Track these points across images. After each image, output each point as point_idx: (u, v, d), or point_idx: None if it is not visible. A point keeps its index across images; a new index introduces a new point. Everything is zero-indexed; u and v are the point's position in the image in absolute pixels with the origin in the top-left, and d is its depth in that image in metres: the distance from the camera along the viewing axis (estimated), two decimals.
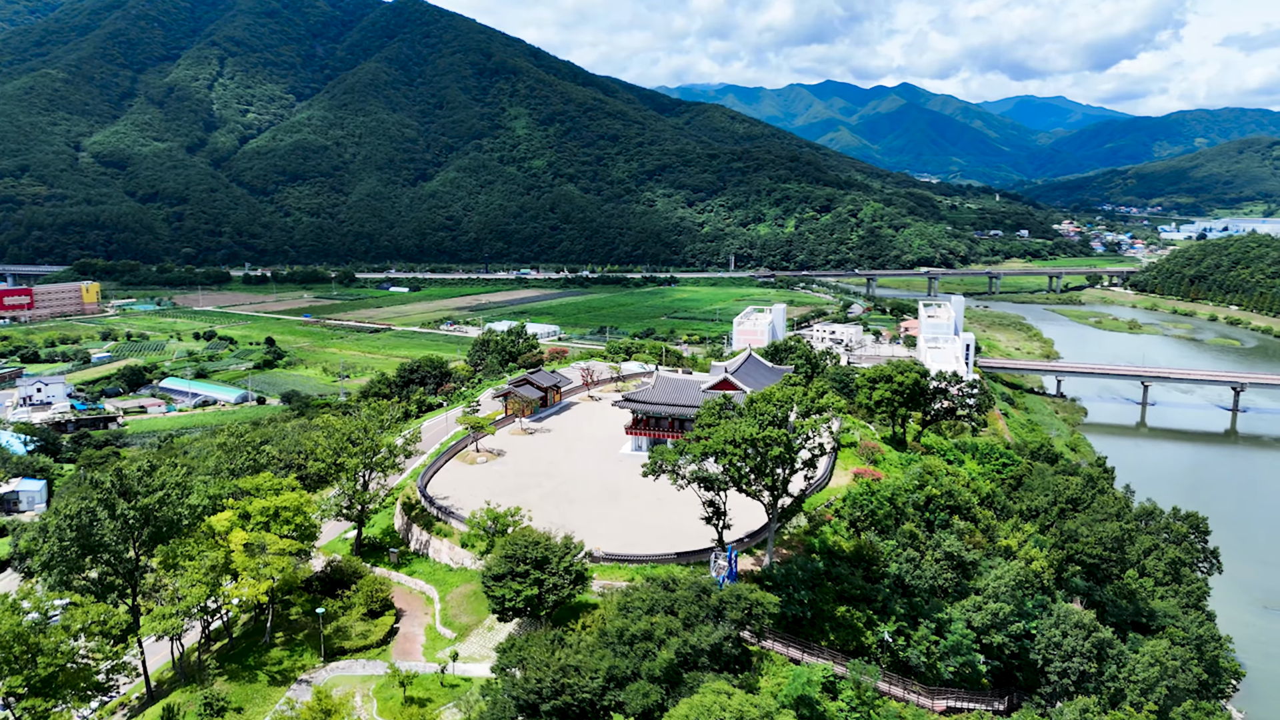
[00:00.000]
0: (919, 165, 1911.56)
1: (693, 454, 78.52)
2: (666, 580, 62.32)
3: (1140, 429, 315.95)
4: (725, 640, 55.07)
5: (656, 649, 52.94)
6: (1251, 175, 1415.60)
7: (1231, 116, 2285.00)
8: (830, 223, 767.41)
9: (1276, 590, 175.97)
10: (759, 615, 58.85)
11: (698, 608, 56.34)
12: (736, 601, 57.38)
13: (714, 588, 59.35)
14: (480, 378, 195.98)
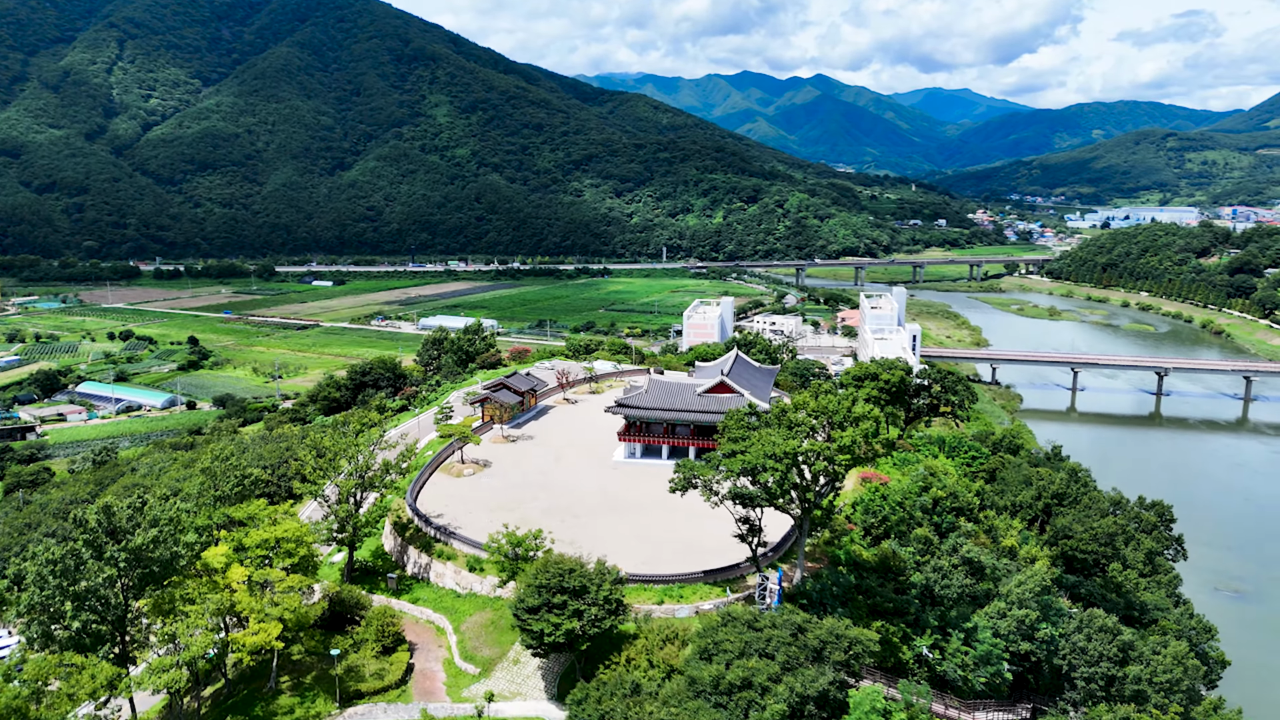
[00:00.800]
0: (834, 156, 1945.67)
1: (730, 469, 74.51)
2: (751, 618, 58.09)
3: (1071, 414, 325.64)
4: (831, 685, 51.29)
5: (760, 698, 48.81)
6: (1147, 166, 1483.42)
7: (1126, 109, 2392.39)
8: (757, 213, 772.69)
9: (1222, 571, 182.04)
10: (859, 655, 55.13)
11: (795, 649, 52.40)
12: (836, 641, 53.59)
13: (810, 625, 55.49)
14: (438, 379, 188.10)
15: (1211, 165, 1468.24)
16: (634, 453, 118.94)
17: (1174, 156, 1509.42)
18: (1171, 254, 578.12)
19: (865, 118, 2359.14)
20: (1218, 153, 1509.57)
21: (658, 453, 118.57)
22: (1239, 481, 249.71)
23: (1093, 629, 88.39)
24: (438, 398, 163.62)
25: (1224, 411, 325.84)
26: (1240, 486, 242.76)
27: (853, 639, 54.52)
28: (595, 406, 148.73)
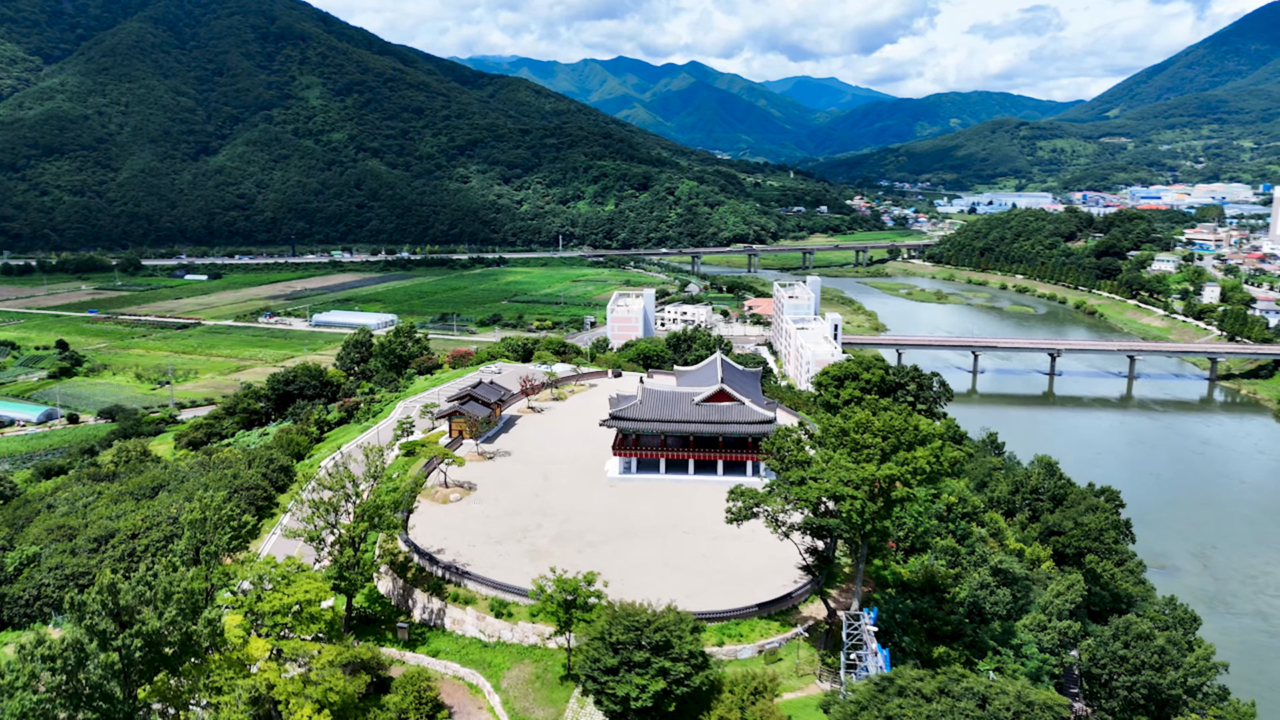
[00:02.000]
0: (711, 143, 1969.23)
1: (805, 498, 68.82)
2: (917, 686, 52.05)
3: (973, 396, 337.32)
4: None
5: None
6: (1004, 154, 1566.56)
7: (980, 99, 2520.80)
8: (649, 201, 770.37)
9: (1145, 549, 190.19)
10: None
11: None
12: (1028, 711, 48.11)
13: (994, 694, 49.87)
14: (371, 387, 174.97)
15: (1061, 153, 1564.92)
16: (629, 467, 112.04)
17: (1027, 145, 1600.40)
18: (1042, 238, 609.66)
19: (739, 105, 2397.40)
20: (1065, 141, 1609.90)
21: (654, 466, 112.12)
22: (1141, 458, 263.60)
23: (1129, 636, 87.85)
24: (383, 409, 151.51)
25: (1111, 389, 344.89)
26: (1142, 463, 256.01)
27: (1041, 703, 49.78)
28: (563, 414, 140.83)
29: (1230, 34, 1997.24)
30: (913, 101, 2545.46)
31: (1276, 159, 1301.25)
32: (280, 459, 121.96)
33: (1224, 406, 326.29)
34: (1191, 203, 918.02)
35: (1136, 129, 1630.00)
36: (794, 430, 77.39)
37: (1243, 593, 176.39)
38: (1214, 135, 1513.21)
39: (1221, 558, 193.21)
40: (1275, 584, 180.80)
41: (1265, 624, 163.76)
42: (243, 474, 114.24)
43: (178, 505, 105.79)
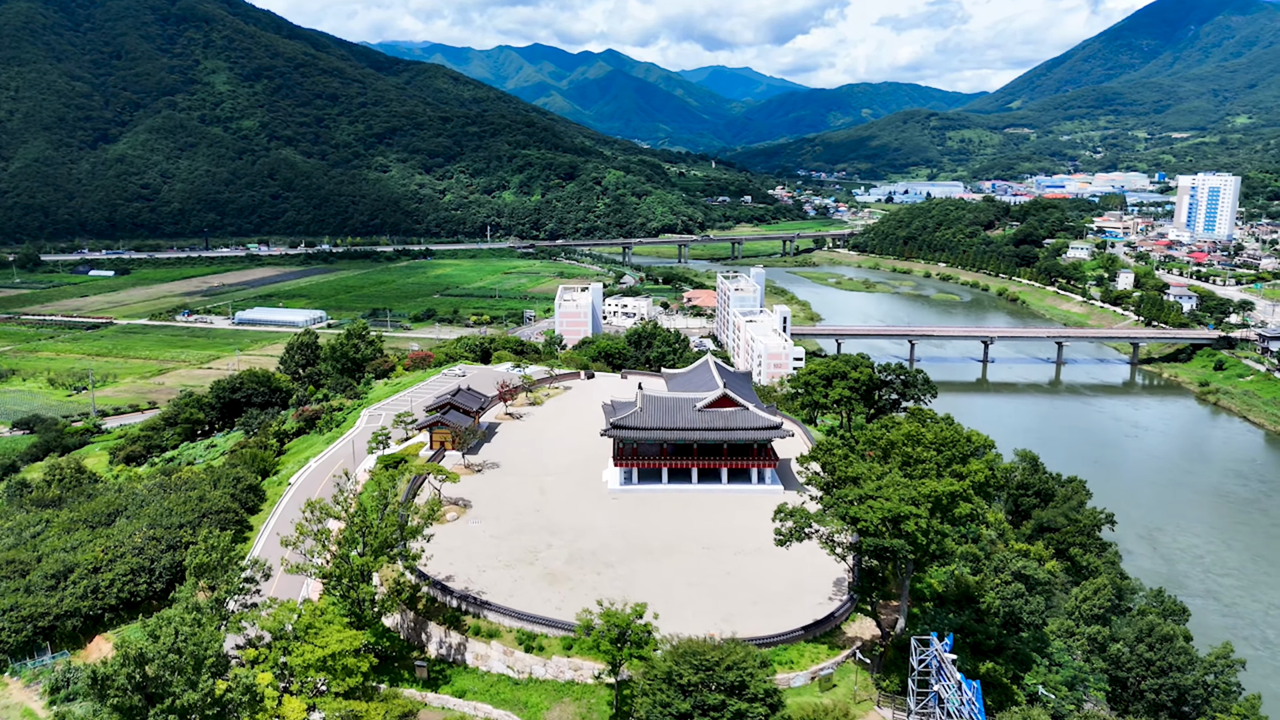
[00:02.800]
0: (629, 131, 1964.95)
1: (866, 518, 65.42)
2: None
3: None
4: None
5: None
6: (915, 144, 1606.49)
7: (889, 90, 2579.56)
8: (576, 191, 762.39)
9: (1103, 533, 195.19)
10: None
11: None
12: None
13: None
14: (326, 393, 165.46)
15: (969, 143, 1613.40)
16: (630, 478, 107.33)
17: (937, 135, 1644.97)
18: (962, 227, 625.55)
19: (657, 94, 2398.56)
20: (973, 131, 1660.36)
21: (656, 476, 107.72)
22: (1076, 442, 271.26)
23: (1154, 639, 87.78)
24: (346, 418, 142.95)
25: (1041, 375, 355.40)
26: (1078, 447, 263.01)
27: None
28: (544, 421, 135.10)
29: (1123, 29, 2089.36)
30: (826, 92, 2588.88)
31: (1168, 149, 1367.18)
32: (248, 477, 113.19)
33: (1147, 389, 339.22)
34: (1094, 191, 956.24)
35: (1038, 120, 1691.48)
36: (835, 445, 74.00)
37: (1192, 573, 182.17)
38: (1110, 126, 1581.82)
39: (1168, 539, 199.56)
40: (1221, 564, 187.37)
41: (1219, 602, 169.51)
42: (209, 496, 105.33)
43: (142, 534, 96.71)
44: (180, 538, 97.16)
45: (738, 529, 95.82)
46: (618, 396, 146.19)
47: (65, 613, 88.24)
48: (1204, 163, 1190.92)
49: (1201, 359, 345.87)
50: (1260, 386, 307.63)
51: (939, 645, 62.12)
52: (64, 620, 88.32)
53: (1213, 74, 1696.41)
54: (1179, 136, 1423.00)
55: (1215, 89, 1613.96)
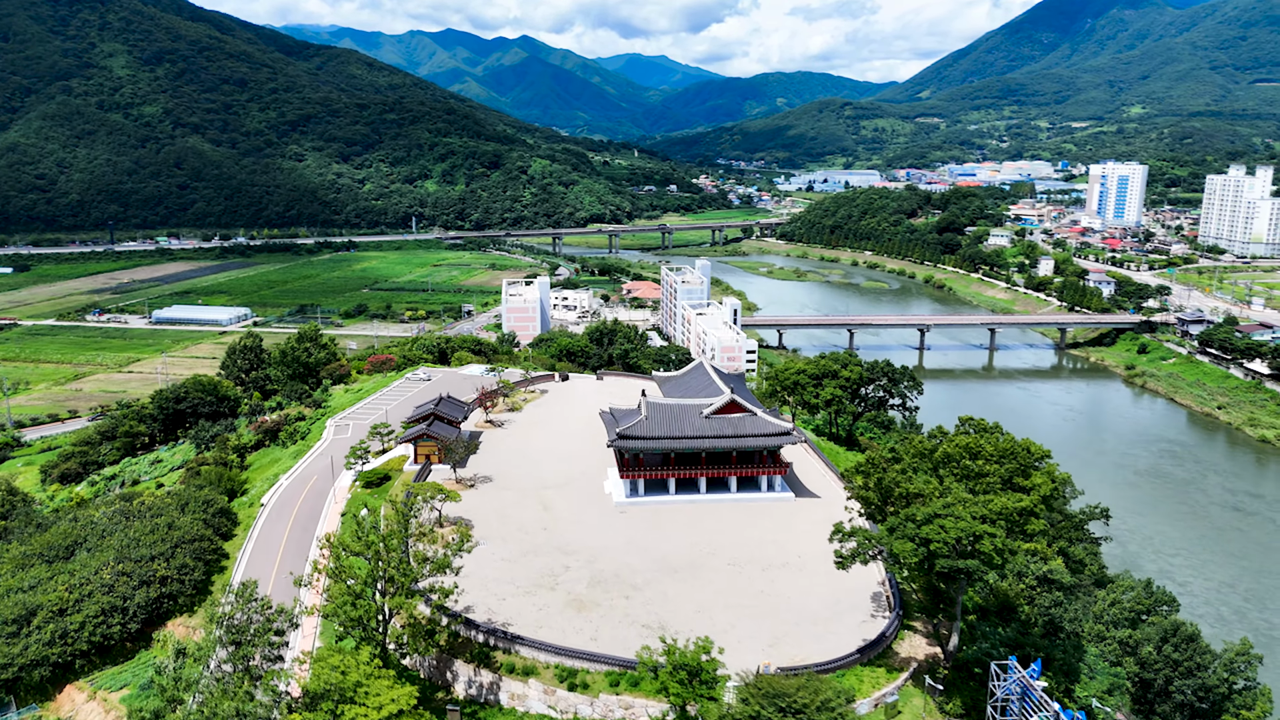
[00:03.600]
0: (547, 119, 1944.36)
1: (942, 541, 62.30)
2: None
3: None
4: None
5: None
6: (831, 133, 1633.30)
7: (804, 79, 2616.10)
8: (501, 180, 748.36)
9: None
10: None
11: None
12: None
13: None
14: (280, 401, 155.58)
15: (882, 132, 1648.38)
16: (636, 490, 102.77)
17: (851, 124, 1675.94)
18: (887, 216, 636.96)
19: (574, 82, 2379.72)
20: (886, 121, 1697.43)
21: (663, 487, 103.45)
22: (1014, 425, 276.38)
23: (1179, 639, 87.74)
24: (310, 429, 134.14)
25: (975, 361, 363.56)
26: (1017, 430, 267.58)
27: None
28: (528, 428, 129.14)
29: (1024, 23, 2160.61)
30: (741, 81, 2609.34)
31: (1069, 138, 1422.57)
32: (217, 500, 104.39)
33: (1076, 373, 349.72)
34: (1003, 179, 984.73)
35: (947, 110, 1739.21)
36: (882, 460, 70.88)
37: (1144, 554, 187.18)
38: (1014, 116, 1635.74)
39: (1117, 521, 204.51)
40: (1170, 544, 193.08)
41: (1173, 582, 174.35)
42: (179, 523, 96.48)
43: (110, 569, 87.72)
44: (154, 571, 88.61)
45: (758, 542, 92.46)
46: (598, 400, 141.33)
47: (31, 662, 79.39)
48: (1103, 151, 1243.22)
49: (1125, 343, 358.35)
50: (1183, 369, 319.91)
51: (1021, 671, 59.55)
52: (30, 670, 79.41)
53: (1108, 66, 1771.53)
54: (1078, 126, 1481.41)
55: (1111, 80, 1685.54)
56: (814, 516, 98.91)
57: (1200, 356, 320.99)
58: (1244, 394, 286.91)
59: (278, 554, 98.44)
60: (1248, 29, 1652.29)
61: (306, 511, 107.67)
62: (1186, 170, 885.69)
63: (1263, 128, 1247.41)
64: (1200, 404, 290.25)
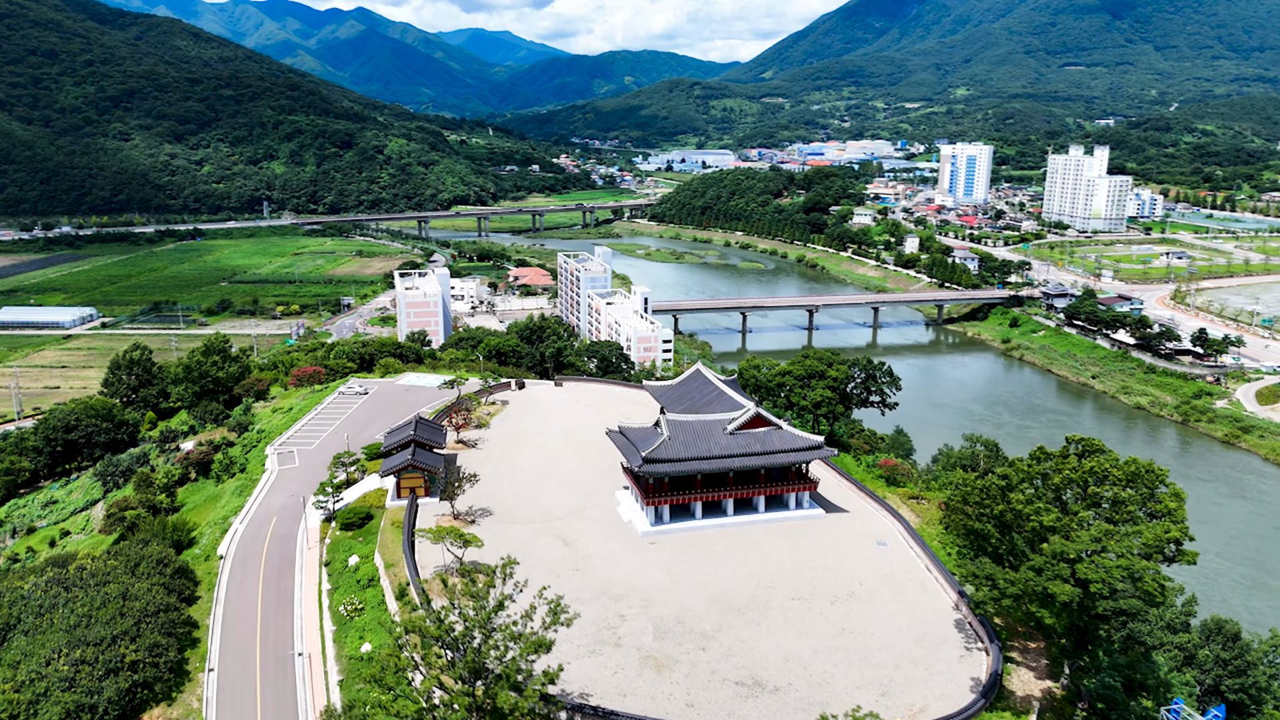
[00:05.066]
0: (390, 96, 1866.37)
1: (1104, 581, 57.59)
2: None
3: (744, 354, 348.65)
4: None
5: None
6: (683, 113, 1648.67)
7: (651, 58, 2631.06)
8: (356, 160, 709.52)
9: None
10: None
11: None
12: None
13: None
14: (192, 424, 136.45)
15: (731, 112, 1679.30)
16: (660, 517, 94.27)
17: (701, 104, 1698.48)
18: (754, 196, 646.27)
19: (416, 57, 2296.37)
20: (734, 101, 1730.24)
21: (688, 512, 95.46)
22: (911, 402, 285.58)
23: (1224, 637, 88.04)
24: (248, 459, 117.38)
25: (860, 339, 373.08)
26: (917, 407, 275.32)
27: None
28: (505, 448, 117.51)
29: (857, 7, 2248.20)
30: (589, 58, 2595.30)
31: (905, 118, 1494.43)
32: (172, 558, 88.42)
33: (956, 347, 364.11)
34: (849, 158, 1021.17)
35: (790, 90, 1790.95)
36: (999, 482, 65.84)
37: None
38: (853, 97, 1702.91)
39: None
40: None
41: None
42: (135, 590, 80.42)
43: (64, 657, 71.56)
44: (120, 656, 72.97)
45: (810, 569, 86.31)
46: (569, 411, 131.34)
47: None
48: (936, 131, 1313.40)
49: (996, 317, 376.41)
50: (1054, 341, 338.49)
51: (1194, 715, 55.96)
52: None
53: (935, 50, 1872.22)
54: (911, 107, 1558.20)
55: (938, 63, 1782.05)
56: (852, 535, 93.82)
57: (1068, 329, 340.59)
58: (1113, 363, 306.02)
59: (255, 619, 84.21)
60: (1056, 16, 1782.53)
61: (276, 563, 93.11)
62: (1014, 149, 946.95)
63: (1073, 108, 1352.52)
64: (1075, 374, 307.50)
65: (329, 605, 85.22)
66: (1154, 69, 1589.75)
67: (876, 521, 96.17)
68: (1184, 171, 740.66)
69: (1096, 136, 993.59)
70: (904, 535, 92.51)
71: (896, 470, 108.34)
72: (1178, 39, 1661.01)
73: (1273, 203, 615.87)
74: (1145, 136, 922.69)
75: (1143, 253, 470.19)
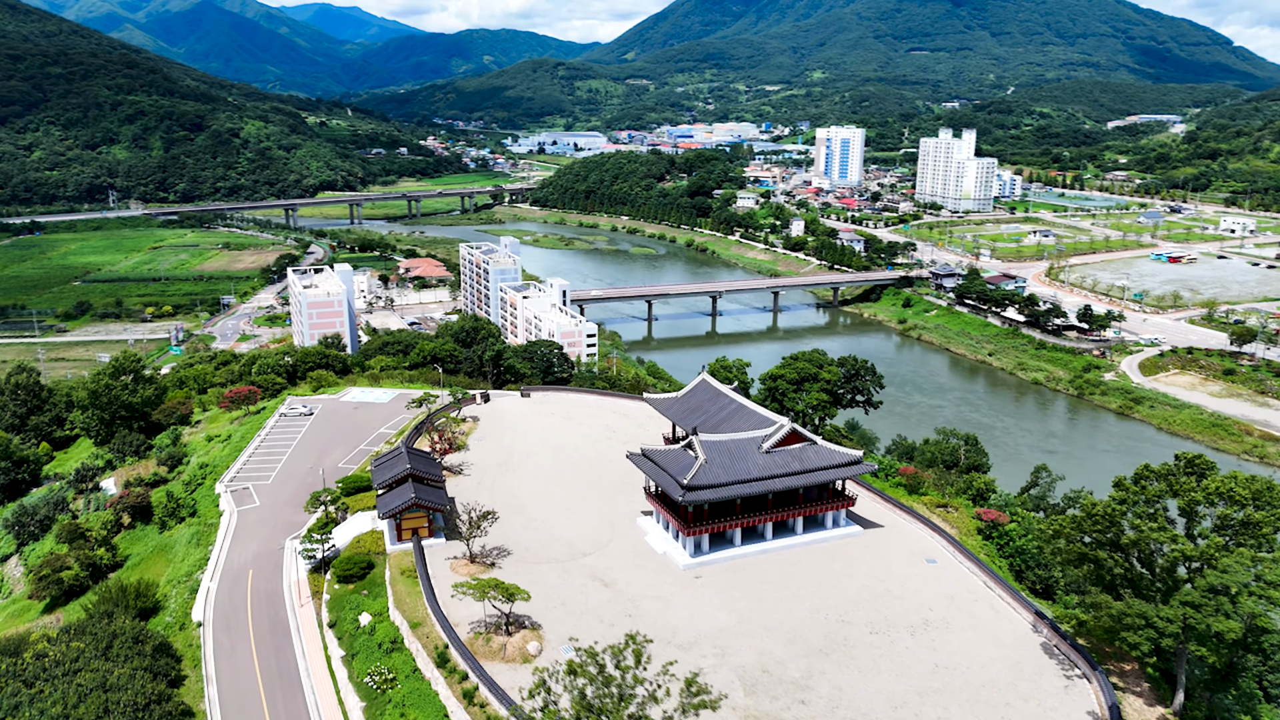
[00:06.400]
0: (232, 74, 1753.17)
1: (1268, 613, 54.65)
2: None
3: (650, 343, 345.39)
4: None
5: None
6: (548, 94, 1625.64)
7: (510, 37, 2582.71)
8: (209, 144, 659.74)
9: None
10: None
11: None
12: None
13: None
14: (109, 458, 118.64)
15: (596, 93, 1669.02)
16: (700, 547, 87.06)
17: (566, 85, 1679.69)
18: (638, 180, 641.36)
19: (260, 33, 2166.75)
20: (599, 82, 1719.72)
21: (726, 540, 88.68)
22: None
23: None
24: (193, 499, 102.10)
25: (761, 323, 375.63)
26: None
27: None
28: (493, 472, 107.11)
29: None
30: (445, 37, 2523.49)
31: (766, 101, 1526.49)
32: (150, 633, 74.57)
33: (854, 328, 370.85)
34: (718, 141, 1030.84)
35: (654, 72, 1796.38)
36: (1117, 508, 62.34)
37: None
38: (715, 79, 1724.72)
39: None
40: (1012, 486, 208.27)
41: None
42: (115, 679, 66.49)
43: None
44: None
45: (872, 595, 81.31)
46: (547, 425, 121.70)
47: None
48: (797, 114, 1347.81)
49: (889, 298, 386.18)
50: (947, 320, 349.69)
51: None
52: None
53: (791, 33, 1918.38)
54: (772, 89, 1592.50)
55: (794, 47, 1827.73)
56: (898, 553, 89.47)
57: (959, 308, 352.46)
58: (1006, 340, 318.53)
59: (259, 700, 72.23)
60: (901, 2, 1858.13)
61: (267, 627, 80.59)
62: (874, 131, 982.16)
63: (922, 91, 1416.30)
64: (973, 352, 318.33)
65: (348, 676, 74.05)
66: (991, 54, 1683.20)
67: (916, 537, 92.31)
68: (1034, 153, 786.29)
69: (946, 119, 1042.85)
70: (950, 551, 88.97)
71: (917, 478, 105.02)
72: (1011, 26, 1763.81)
73: (1116, 181, 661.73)
74: (991, 119, 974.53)
75: (1012, 231, 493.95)
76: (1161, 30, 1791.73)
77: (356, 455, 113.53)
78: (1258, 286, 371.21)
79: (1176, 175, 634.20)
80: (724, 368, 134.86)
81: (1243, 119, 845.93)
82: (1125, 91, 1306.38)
